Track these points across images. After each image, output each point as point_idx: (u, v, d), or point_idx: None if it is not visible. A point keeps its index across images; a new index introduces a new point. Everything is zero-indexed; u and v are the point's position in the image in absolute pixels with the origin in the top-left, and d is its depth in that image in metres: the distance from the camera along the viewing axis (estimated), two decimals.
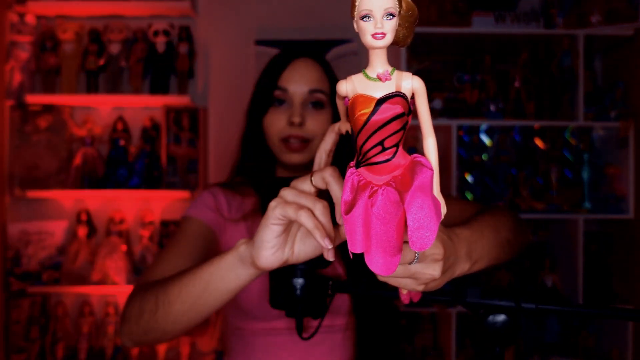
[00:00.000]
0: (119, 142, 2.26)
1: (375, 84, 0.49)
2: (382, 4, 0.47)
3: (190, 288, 0.75)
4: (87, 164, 2.23)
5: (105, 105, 2.37)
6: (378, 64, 0.49)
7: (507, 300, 0.69)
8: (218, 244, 1.08)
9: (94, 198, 2.34)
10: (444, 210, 0.49)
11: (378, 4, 0.46)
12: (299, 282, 0.77)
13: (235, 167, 1.19)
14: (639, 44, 2.08)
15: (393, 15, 0.47)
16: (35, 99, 2.25)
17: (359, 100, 0.49)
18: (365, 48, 0.49)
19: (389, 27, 0.47)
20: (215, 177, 2.36)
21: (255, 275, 0.72)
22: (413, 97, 0.50)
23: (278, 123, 1.09)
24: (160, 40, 2.27)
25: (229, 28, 2.40)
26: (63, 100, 2.27)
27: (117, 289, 2.21)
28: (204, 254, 1.01)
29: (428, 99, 0.51)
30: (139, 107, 2.35)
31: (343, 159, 0.78)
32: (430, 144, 0.51)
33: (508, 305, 0.69)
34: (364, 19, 0.47)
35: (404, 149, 0.51)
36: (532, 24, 2.13)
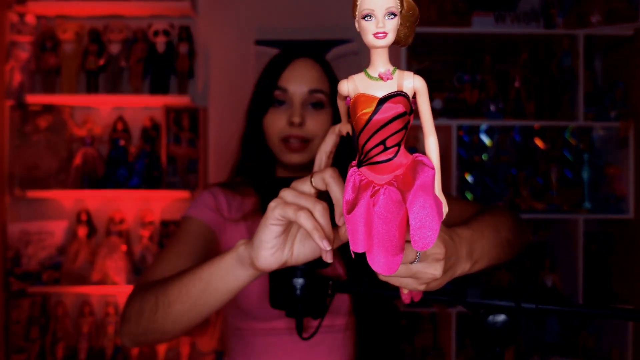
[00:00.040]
0: (119, 142, 2.26)
1: (377, 84, 0.49)
2: (383, 4, 0.46)
3: (190, 288, 0.75)
4: (87, 164, 2.23)
5: (105, 105, 2.37)
6: (380, 64, 0.49)
7: (507, 300, 0.69)
8: (218, 244, 1.08)
9: (94, 198, 2.34)
10: (446, 210, 0.49)
11: (379, 4, 0.46)
12: (299, 282, 0.77)
13: (235, 167, 1.19)
14: (639, 44, 2.08)
15: (394, 15, 0.47)
16: (35, 99, 2.24)
17: (361, 100, 0.49)
18: (366, 48, 0.49)
19: (391, 26, 0.47)
20: (215, 177, 2.36)
21: (255, 276, 0.72)
22: (415, 96, 0.50)
23: (278, 123, 1.09)
24: (160, 40, 2.27)
25: (229, 28, 2.40)
26: (63, 100, 2.27)
27: (117, 289, 2.21)
28: (204, 254, 1.00)
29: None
30: (139, 107, 2.35)
31: (343, 161, 0.78)
32: (432, 143, 0.51)
33: (508, 305, 0.69)
34: (366, 19, 0.47)
35: (405, 149, 0.51)
36: (532, 24, 2.13)
